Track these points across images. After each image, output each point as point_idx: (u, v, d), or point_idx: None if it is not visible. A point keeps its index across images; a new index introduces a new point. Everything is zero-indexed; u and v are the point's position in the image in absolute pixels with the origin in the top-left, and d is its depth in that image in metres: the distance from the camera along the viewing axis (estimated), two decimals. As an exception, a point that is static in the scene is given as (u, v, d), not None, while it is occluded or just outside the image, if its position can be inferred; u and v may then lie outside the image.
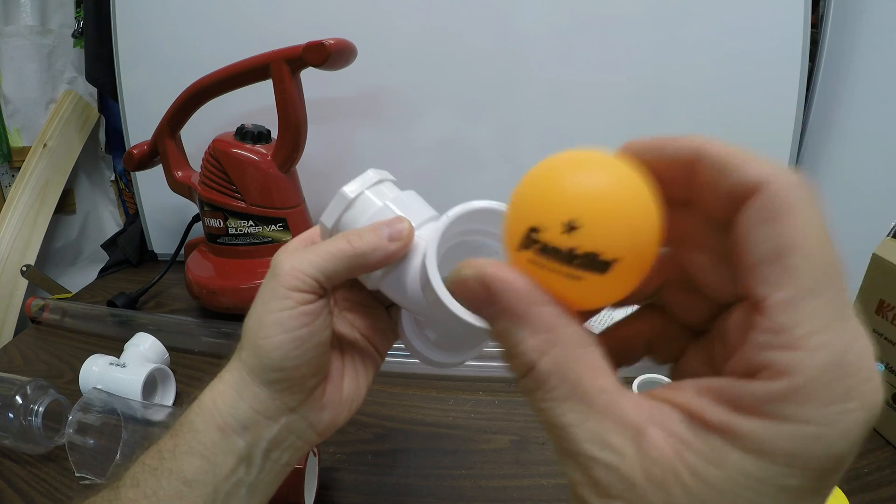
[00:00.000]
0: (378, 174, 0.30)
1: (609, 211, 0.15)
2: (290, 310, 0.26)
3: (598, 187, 0.15)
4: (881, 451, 0.48)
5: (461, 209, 0.26)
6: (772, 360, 0.13)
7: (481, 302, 0.17)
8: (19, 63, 0.95)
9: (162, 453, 0.27)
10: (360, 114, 0.83)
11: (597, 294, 0.16)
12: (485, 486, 0.46)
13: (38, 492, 0.45)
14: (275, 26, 0.79)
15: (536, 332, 0.16)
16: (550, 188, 0.16)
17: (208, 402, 0.27)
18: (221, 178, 0.67)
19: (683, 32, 0.74)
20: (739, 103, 0.76)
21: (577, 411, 0.15)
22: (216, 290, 0.68)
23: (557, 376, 0.16)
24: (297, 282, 0.26)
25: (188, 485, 0.26)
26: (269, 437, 0.28)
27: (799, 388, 0.13)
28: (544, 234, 0.15)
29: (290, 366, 0.27)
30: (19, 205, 0.95)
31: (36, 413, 0.47)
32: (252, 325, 0.27)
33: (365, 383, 0.32)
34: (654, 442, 0.14)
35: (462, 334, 0.30)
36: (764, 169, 0.14)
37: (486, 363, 0.58)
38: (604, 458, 0.15)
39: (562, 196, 0.15)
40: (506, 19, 0.77)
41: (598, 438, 0.15)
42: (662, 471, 0.14)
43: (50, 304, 0.74)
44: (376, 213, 0.28)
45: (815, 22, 0.76)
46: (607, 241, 0.15)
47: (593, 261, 0.15)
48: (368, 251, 0.26)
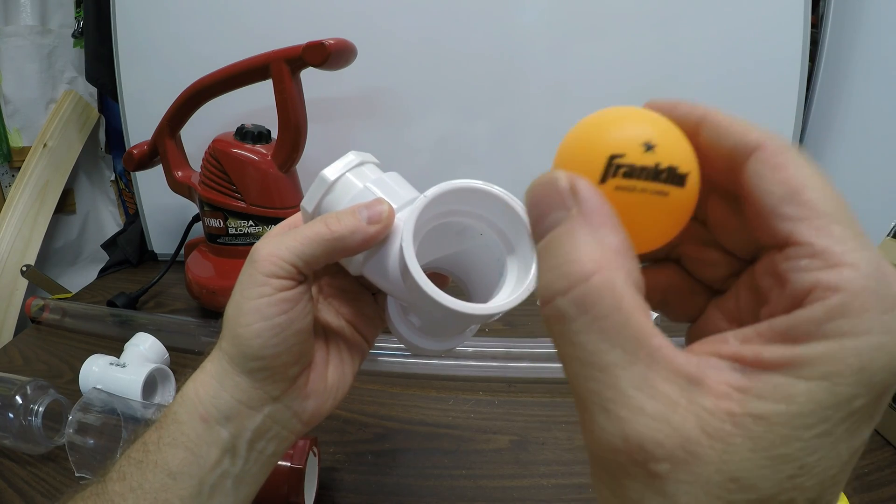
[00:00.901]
0: (359, 156, 0.29)
1: (672, 131, 0.17)
2: (267, 297, 0.26)
3: (653, 118, 0.17)
4: (881, 451, 0.47)
5: (438, 189, 0.25)
6: (819, 280, 0.13)
7: (557, 202, 0.15)
8: (19, 63, 0.95)
9: (147, 446, 0.27)
10: (360, 114, 0.83)
11: (679, 210, 0.17)
12: (485, 486, 0.46)
13: (38, 492, 0.45)
14: (275, 26, 0.79)
15: (603, 245, 0.14)
16: (617, 123, 0.17)
17: (191, 393, 0.27)
18: (221, 178, 0.67)
19: (683, 32, 0.74)
20: (739, 103, 0.75)
21: (626, 350, 0.13)
22: (216, 290, 0.68)
23: (611, 300, 0.14)
24: (274, 268, 0.26)
25: (173, 477, 0.26)
26: (252, 427, 0.27)
27: (853, 300, 0.13)
28: (628, 157, 0.16)
29: (269, 354, 0.26)
30: (19, 205, 0.95)
31: (36, 413, 0.47)
32: (231, 313, 0.27)
33: (351, 371, 0.31)
34: (711, 391, 0.13)
35: (442, 320, 0.29)
36: (762, 131, 0.16)
37: (486, 363, 0.58)
38: (653, 409, 0.13)
39: (630, 124, 0.17)
40: (505, 19, 0.77)
41: (647, 385, 0.13)
42: (720, 421, 0.13)
43: (50, 304, 0.74)
44: (357, 196, 0.28)
45: (815, 22, 0.76)
46: (681, 156, 0.16)
47: (674, 174, 0.16)
48: (347, 234, 0.26)
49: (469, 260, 0.30)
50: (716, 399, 0.13)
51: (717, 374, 0.13)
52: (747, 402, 0.13)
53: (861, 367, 0.13)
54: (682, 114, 0.17)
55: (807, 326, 0.13)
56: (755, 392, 0.13)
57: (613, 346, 0.14)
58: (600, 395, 0.14)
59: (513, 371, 0.58)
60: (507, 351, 0.59)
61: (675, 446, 0.13)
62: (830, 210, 0.14)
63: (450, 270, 0.32)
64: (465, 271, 0.31)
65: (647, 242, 0.18)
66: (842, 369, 0.13)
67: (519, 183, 0.18)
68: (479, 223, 0.28)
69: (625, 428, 0.13)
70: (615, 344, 0.14)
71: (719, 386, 0.13)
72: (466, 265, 0.31)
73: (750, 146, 0.16)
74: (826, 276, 0.13)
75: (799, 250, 0.14)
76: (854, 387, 0.13)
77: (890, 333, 0.13)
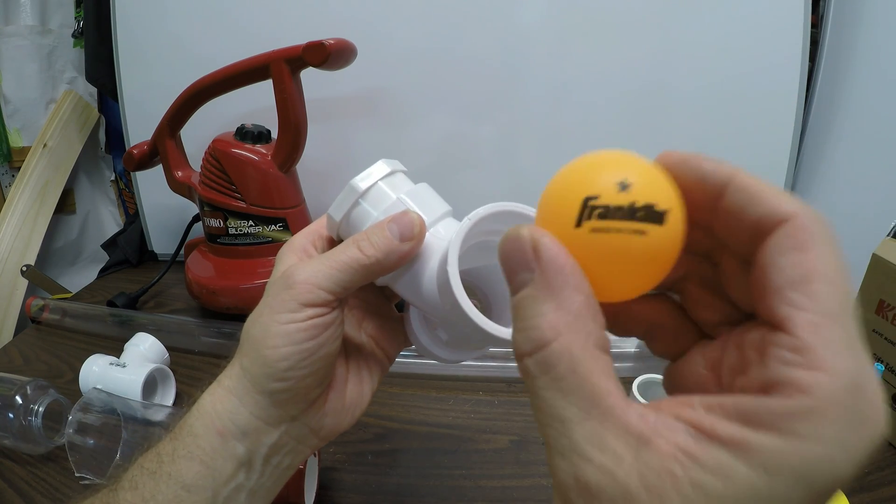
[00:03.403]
0: (390, 164, 0.28)
1: (649, 171, 0.17)
2: (299, 322, 0.25)
3: (632, 160, 0.17)
4: (881, 451, 0.48)
5: (485, 211, 0.24)
6: (792, 378, 0.13)
7: (522, 263, 0.17)
8: (19, 63, 0.95)
9: (161, 457, 0.26)
10: (360, 114, 0.83)
11: (661, 251, 0.16)
12: (485, 486, 0.46)
13: (38, 492, 0.45)
14: (275, 26, 0.78)
15: (561, 311, 0.16)
16: (593, 167, 0.17)
17: (208, 407, 0.27)
18: (221, 178, 0.67)
19: (683, 33, 0.74)
20: (740, 104, 0.75)
21: (580, 408, 0.15)
22: (216, 290, 0.68)
23: (568, 364, 0.15)
24: (311, 296, 0.25)
25: (187, 489, 0.26)
26: (269, 443, 0.27)
27: (817, 407, 0.13)
28: (602, 198, 0.16)
29: (295, 376, 0.26)
30: (19, 205, 0.95)
31: (36, 413, 0.47)
32: (257, 333, 0.26)
33: (369, 389, 0.31)
34: (657, 451, 0.14)
35: (475, 338, 0.28)
36: (792, 202, 0.15)
37: (486, 363, 0.58)
38: (600, 461, 0.14)
39: (606, 167, 0.16)
40: (506, 20, 0.77)
41: (597, 439, 0.14)
42: (660, 480, 0.14)
43: (50, 304, 0.74)
44: (389, 208, 0.27)
45: (815, 22, 0.76)
46: (658, 194, 0.16)
47: (651, 211, 0.16)
48: (382, 258, 0.25)
49: (496, 273, 0.30)
50: (661, 458, 0.14)
51: (670, 435, 0.14)
52: (690, 468, 0.13)
53: (802, 471, 0.13)
54: (704, 173, 0.17)
55: (766, 416, 0.13)
56: (700, 461, 0.13)
57: (570, 404, 0.15)
58: (558, 442, 0.15)
59: (513, 371, 0.58)
60: (508, 351, 0.59)
61: (617, 496, 0.14)
62: (834, 309, 0.14)
63: (474, 283, 0.32)
64: (490, 284, 0.31)
65: (630, 288, 0.17)
66: (783, 467, 0.13)
67: (518, 185, 0.18)
68: None
69: (576, 471, 0.15)
70: (572, 402, 0.15)
71: (668, 446, 0.14)
72: (492, 278, 0.30)
73: (778, 217, 0.15)
74: (802, 377, 0.13)
75: (787, 340, 0.14)
76: (792, 488, 0.13)
77: (841, 448, 0.13)
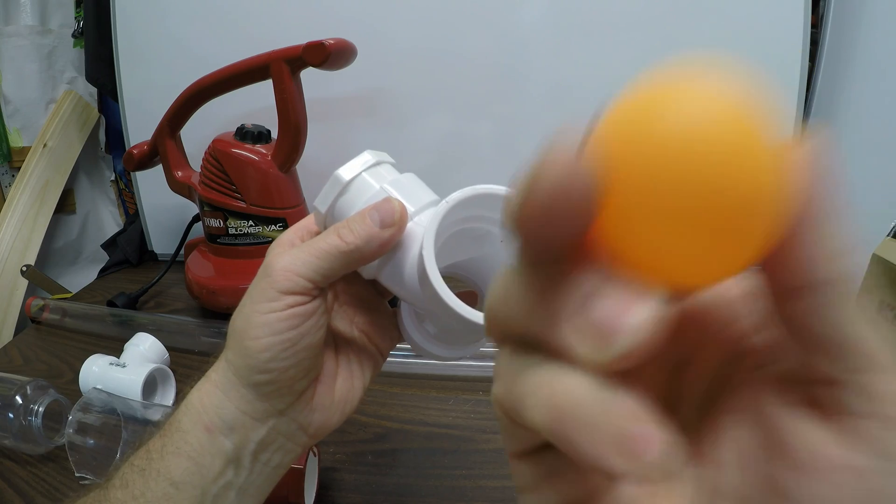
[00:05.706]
0: (375, 155, 0.28)
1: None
2: (279, 311, 0.25)
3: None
4: None
5: (462, 194, 0.24)
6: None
7: None
8: (19, 63, 0.95)
9: (150, 453, 0.26)
10: (360, 114, 0.83)
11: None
12: (485, 486, 0.46)
13: (38, 492, 0.45)
14: (275, 26, 0.78)
15: None
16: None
17: (195, 402, 0.27)
18: (221, 178, 0.67)
19: (683, 32, 0.74)
20: (739, 103, 0.75)
21: None
22: (216, 290, 0.68)
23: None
24: (289, 283, 0.25)
25: (175, 486, 0.25)
26: (256, 439, 0.27)
27: None
28: None
29: (277, 367, 0.26)
30: (19, 205, 0.95)
31: (36, 413, 0.47)
32: (239, 325, 0.26)
33: (361, 385, 0.30)
34: None
35: (461, 330, 0.28)
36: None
37: (486, 363, 0.58)
38: None
39: None
40: (506, 19, 0.77)
41: None
42: None
43: (50, 304, 0.74)
44: (372, 197, 0.27)
45: (815, 22, 0.76)
46: None
47: None
48: (362, 244, 0.25)
49: (487, 266, 0.29)
50: None
51: None
52: None
53: None
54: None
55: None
56: None
57: None
58: None
59: (513, 371, 0.58)
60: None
61: None
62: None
63: (466, 276, 0.31)
64: (482, 277, 0.30)
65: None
66: None
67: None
68: (500, 230, 0.27)
69: None
70: None
71: None
72: (484, 271, 0.30)
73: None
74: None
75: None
76: None
77: None
